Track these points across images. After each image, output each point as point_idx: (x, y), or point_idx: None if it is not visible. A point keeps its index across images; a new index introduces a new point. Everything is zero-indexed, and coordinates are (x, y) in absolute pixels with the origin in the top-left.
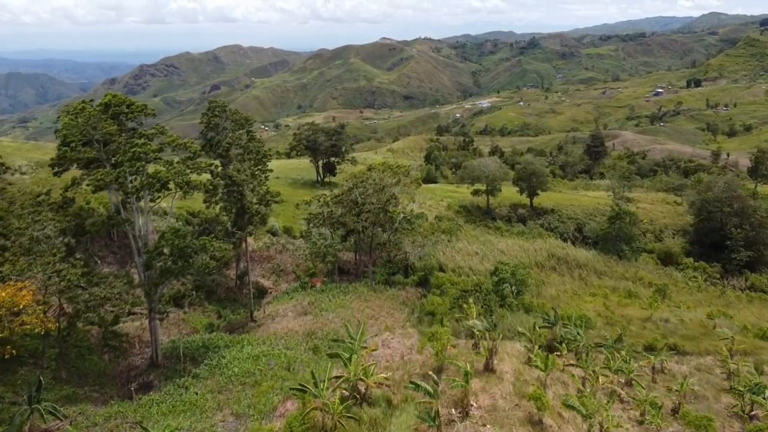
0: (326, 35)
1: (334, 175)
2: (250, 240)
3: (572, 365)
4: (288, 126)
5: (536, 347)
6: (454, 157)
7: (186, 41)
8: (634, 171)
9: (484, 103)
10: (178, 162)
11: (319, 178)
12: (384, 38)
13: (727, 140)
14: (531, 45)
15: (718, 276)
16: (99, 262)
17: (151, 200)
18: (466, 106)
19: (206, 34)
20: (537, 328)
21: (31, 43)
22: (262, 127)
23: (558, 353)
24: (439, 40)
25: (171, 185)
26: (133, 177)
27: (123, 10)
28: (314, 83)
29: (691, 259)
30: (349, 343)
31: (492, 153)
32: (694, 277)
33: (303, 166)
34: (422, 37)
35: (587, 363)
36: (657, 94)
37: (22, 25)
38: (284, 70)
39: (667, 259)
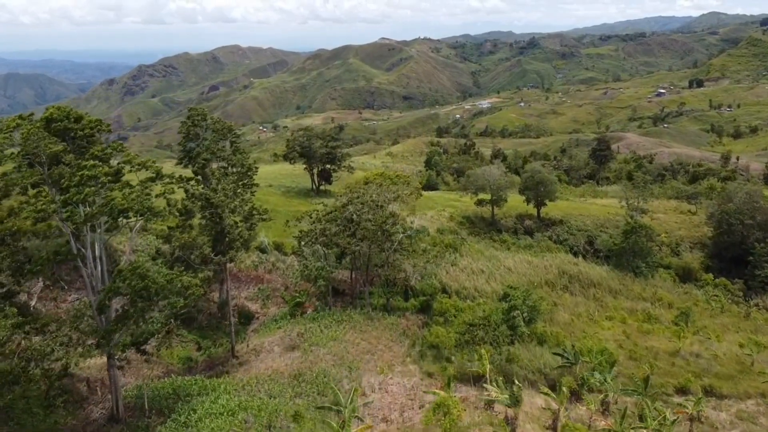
0: (325, 35)
1: (330, 183)
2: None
3: (605, 430)
4: (286, 127)
5: (562, 408)
6: (456, 162)
7: (185, 41)
8: (650, 180)
9: (484, 103)
10: (137, 185)
11: (314, 187)
12: (383, 38)
13: (733, 142)
14: (531, 45)
15: (741, 293)
16: (66, 287)
17: (107, 230)
18: (466, 107)
19: (205, 35)
20: (562, 387)
21: (29, 43)
22: (261, 128)
23: (585, 405)
24: (438, 41)
25: (130, 213)
26: (84, 205)
27: (122, 11)
28: (313, 84)
29: (711, 276)
30: (337, 411)
31: (494, 156)
32: (715, 295)
33: (297, 172)
34: (421, 37)
35: (622, 427)
36: (659, 94)
37: (21, 25)
38: (283, 71)
39: (685, 276)
